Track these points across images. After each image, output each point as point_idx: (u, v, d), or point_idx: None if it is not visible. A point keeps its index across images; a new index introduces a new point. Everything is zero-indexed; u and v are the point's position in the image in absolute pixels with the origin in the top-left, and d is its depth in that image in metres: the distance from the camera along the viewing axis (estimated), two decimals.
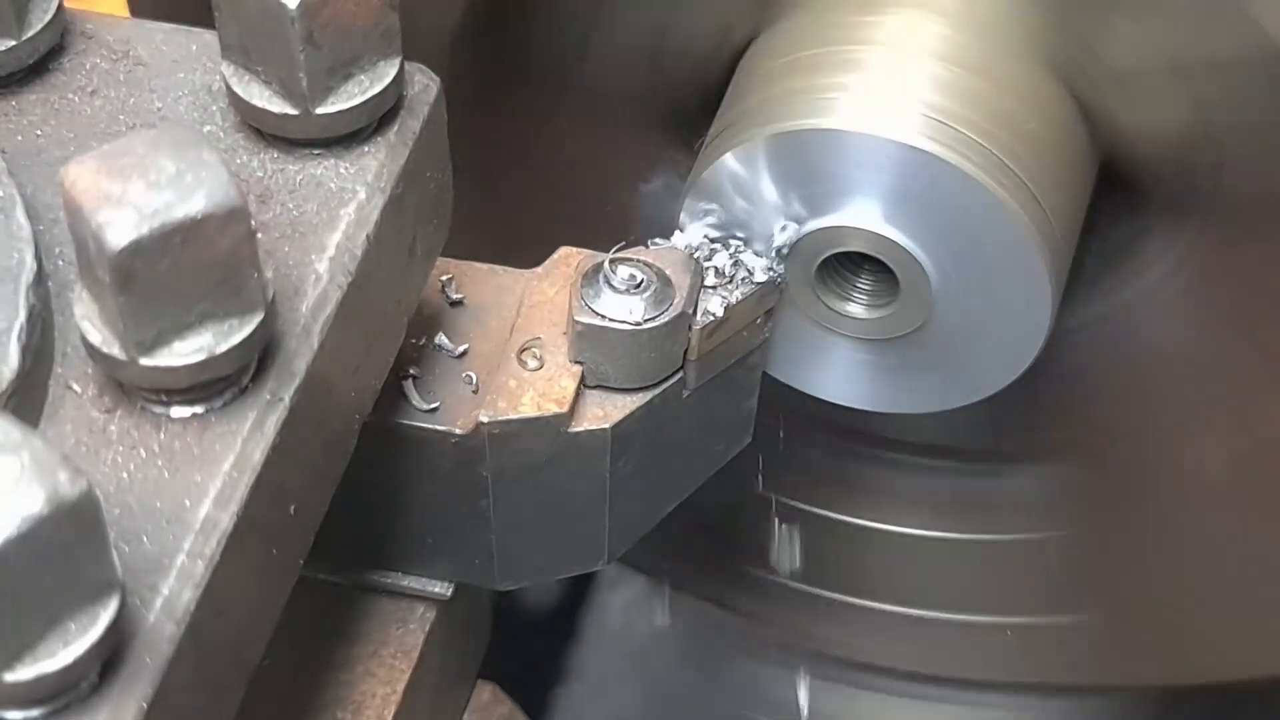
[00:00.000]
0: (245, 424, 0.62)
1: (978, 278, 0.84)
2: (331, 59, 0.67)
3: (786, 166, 0.83)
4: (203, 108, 0.72)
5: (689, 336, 0.82)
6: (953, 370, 0.90)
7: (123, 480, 0.61)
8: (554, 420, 0.80)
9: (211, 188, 0.57)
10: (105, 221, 0.56)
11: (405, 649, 0.88)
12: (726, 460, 0.92)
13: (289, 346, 0.64)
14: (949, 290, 0.85)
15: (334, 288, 0.66)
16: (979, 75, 0.84)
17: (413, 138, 0.71)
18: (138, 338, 0.59)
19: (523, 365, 0.81)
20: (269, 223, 0.68)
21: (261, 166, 0.70)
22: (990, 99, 0.84)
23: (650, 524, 0.90)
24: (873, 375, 0.91)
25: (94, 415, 0.62)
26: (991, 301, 0.85)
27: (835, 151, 0.82)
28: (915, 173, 0.82)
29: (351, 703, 0.86)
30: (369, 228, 0.68)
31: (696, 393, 0.84)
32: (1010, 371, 0.89)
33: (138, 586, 0.57)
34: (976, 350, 0.88)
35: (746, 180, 0.84)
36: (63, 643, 0.53)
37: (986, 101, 0.83)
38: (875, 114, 0.82)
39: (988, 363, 0.89)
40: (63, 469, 0.51)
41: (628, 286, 0.80)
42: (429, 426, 0.80)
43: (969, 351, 0.88)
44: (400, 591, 0.89)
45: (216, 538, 0.60)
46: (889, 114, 0.82)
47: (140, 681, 0.56)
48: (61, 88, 0.73)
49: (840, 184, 0.83)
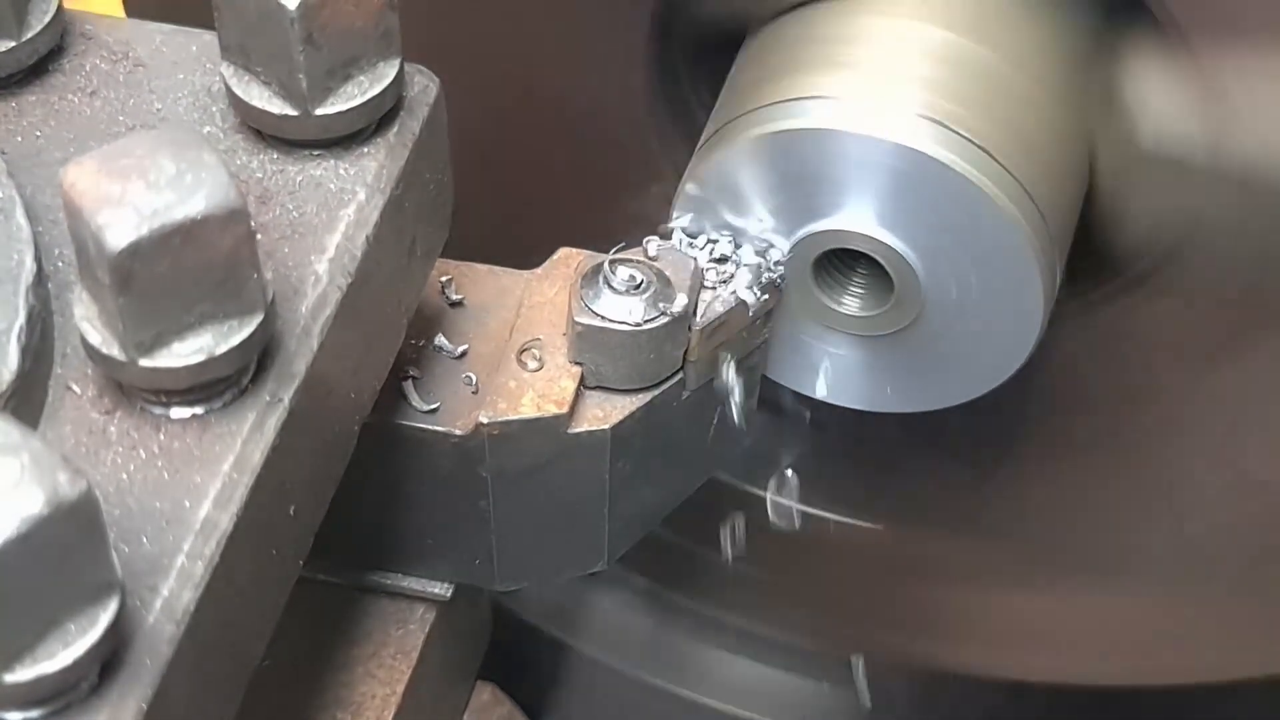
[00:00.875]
0: (245, 425, 0.62)
1: (970, 277, 0.84)
2: (331, 60, 0.67)
3: (780, 166, 0.84)
4: (202, 109, 0.72)
5: (688, 337, 0.82)
6: (945, 370, 0.90)
7: (122, 481, 0.61)
8: (554, 421, 0.80)
9: (211, 189, 0.58)
10: (105, 222, 0.56)
11: (405, 650, 0.88)
12: (727, 461, 0.92)
13: (289, 347, 0.64)
14: (941, 289, 0.85)
15: (334, 289, 0.66)
16: (973, 74, 0.84)
17: (412, 139, 0.71)
18: (137, 339, 0.59)
19: (522, 366, 0.81)
20: (269, 224, 0.68)
21: (261, 167, 0.70)
22: (985, 99, 0.84)
23: (651, 525, 0.90)
24: (865, 375, 0.91)
25: (94, 416, 0.62)
26: (984, 300, 0.85)
27: (829, 151, 0.82)
28: (908, 172, 0.82)
29: (351, 703, 0.86)
30: (369, 229, 0.68)
31: (696, 394, 0.84)
32: (1003, 370, 0.89)
33: (137, 587, 0.57)
34: (969, 349, 0.88)
35: (740, 180, 0.84)
36: (62, 644, 0.53)
37: (981, 101, 0.84)
38: (869, 114, 0.82)
39: (980, 362, 0.89)
40: (62, 470, 0.51)
41: (627, 287, 0.80)
42: (429, 427, 0.80)
43: (961, 351, 0.88)
44: (400, 592, 0.89)
45: (216, 539, 0.60)
46: (882, 114, 0.82)
47: (140, 682, 0.56)
48: (61, 89, 0.73)
49: (834, 184, 0.83)
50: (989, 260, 0.83)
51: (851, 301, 0.88)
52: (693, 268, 0.82)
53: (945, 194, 0.82)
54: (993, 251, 0.83)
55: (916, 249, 0.83)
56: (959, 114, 0.82)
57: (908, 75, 0.84)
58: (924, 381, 0.91)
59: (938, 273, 0.84)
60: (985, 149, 0.82)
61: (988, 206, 0.82)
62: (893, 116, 0.82)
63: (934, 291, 0.85)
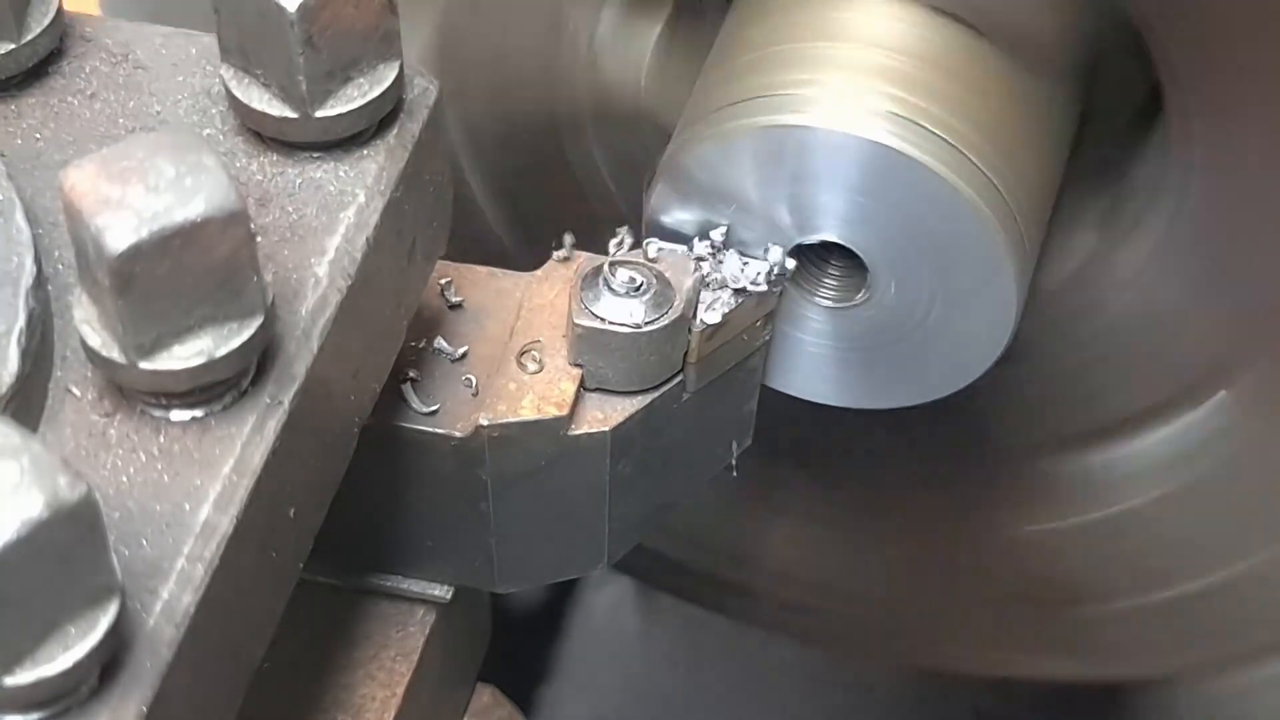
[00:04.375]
0: (245, 427, 0.62)
1: (942, 272, 0.84)
2: (331, 62, 0.67)
3: (751, 163, 0.84)
4: (202, 111, 0.72)
5: (688, 339, 0.82)
6: (920, 365, 0.90)
7: (122, 484, 0.61)
8: (554, 423, 0.80)
9: (211, 191, 0.58)
10: (105, 225, 0.56)
11: (405, 652, 0.88)
12: (727, 463, 0.92)
13: (288, 350, 0.64)
14: (913, 284, 0.85)
15: (333, 291, 0.66)
16: (940, 68, 0.84)
17: (412, 141, 0.71)
18: (137, 341, 0.59)
19: (522, 368, 0.81)
20: (268, 226, 0.68)
21: (261, 170, 0.70)
22: (952, 92, 0.84)
23: (651, 527, 0.90)
24: (840, 371, 0.91)
25: (94, 419, 0.62)
26: (956, 296, 0.85)
27: (799, 147, 0.82)
28: (878, 168, 0.82)
29: (351, 706, 0.86)
30: (368, 231, 0.68)
31: (696, 395, 0.84)
32: (977, 367, 0.89)
33: (137, 590, 0.57)
34: (943, 345, 0.88)
35: (710, 176, 0.84)
36: (62, 647, 0.53)
37: (949, 95, 0.84)
38: (838, 110, 0.82)
39: (954, 358, 0.89)
40: (62, 473, 0.51)
41: (627, 289, 0.80)
42: (428, 429, 0.80)
43: (935, 346, 0.88)
44: (400, 594, 0.89)
45: (216, 541, 0.60)
46: (852, 110, 0.82)
47: (140, 685, 0.56)
48: (61, 91, 0.73)
49: (805, 180, 0.83)
50: (959, 254, 0.84)
51: (825, 294, 0.88)
52: (692, 270, 0.82)
53: (912, 188, 0.82)
54: (962, 246, 0.83)
55: (886, 242, 0.84)
56: (925, 107, 0.82)
57: (873, 69, 0.84)
58: (897, 377, 0.91)
59: (908, 266, 0.84)
60: (951, 141, 0.82)
61: (955, 200, 0.82)
62: (859, 112, 0.82)
63: (906, 286, 0.85)
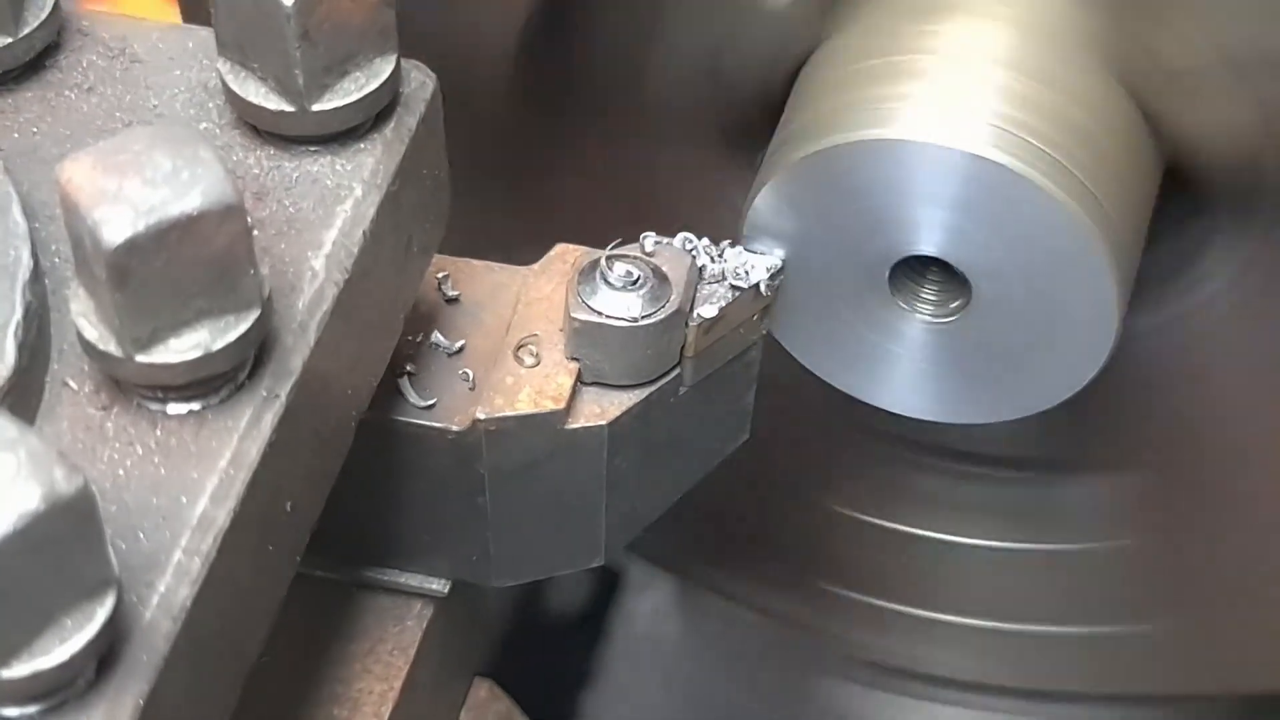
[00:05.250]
0: (242, 421, 0.62)
1: (1043, 286, 0.84)
2: (327, 56, 0.67)
3: (850, 178, 0.83)
4: (199, 105, 0.72)
5: (686, 333, 0.82)
6: (1018, 380, 0.89)
7: (119, 477, 0.61)
8: (551, 417, 0.80)
9: (207, 185, 0.58)
10: (101, 218, 0.56)
11: (402, 646, 0.88)
12: (724, 457, 0.92)
13: (285, 343, 0.64)
14: (1014, 298, 0.84)
15: (330, 285, 0.66)
16: (1041, 82, 0.84)
17: (409, 135, 0.71)
18: (134, 334, 0.59)
19: (519, 362, 0.81)
20: (265, 220, 0.68)
21: (258, 163, 0.70)
22: (1053, 105, 0.83)
23: (648, 520, 0.90)
24: (936, 385, 0.90)
25: (90, 412, 0.62)
26: (1057, 310, 0.85)
27: (899, 161, 0.82)
28: (980, 181, 0.81)
29: (349, 700, 0.86)
30: (365, 225, 0.68)
31: (693, 389, 0.84)
32: (1076, 381, 0.88)
33: (134, 583, 0.57)
34: (1042, 359, 0.87)
35: (809, 193, 0.84)
36: (59, 640, 0.53)
37: (1050, 108, 0.83)
38: (940, 123, 0.82)
39: (1053, 372, 0.88)
40: (59, 466, 0.51)
41: (624, 283, 0.80)
42: (425, 423, 0.80)
43: (1034, 361, 0.87)
44: (397, 588, 0.89)
45: (213, 534, 0.60)
46: (953, 123, 0.82)
47: (136, 678, 0.56)
48: (58, 85, 0.73)
49: (905, 194, 0.83)
50: (1061, 268, 0.83)
51: (923, 312, 0.88)
52: (689, 264, 0.82)
53: (1017, 202, 0.81)
54: (1065, 259, 0.83)
55: (989, 256, 0.83)
56: (1029, 121, 0.82)
57: (976, 83, 0.83)
58: (995, 392, 0.90)
59: (1009, 280, 0.84)
60: (1055, 156, 0.81)
61: (1059, 214, 0.81)
62: (963, 125, 0.81)
63: (1005, 300, 0.84)
